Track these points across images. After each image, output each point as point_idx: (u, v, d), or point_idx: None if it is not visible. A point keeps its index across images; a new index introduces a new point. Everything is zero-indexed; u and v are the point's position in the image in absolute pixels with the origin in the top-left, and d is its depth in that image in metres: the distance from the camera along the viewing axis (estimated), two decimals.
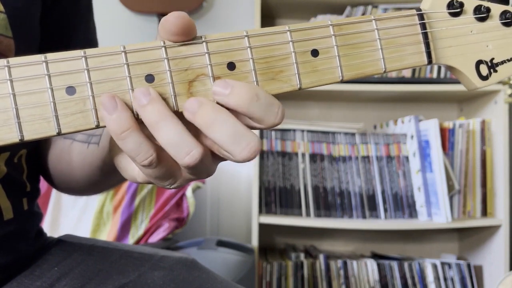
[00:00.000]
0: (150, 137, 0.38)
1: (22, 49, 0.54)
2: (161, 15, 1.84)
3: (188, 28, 0.38)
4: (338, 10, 1.74)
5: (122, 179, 0.56)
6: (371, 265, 1.66)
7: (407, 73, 1.67)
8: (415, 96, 1.76)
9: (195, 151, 0.37)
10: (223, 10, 1.92)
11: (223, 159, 0.41)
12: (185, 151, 0.37)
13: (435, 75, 1.66)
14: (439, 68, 1.67)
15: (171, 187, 0.42)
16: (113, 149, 0.44)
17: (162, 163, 0.39)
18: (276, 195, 1.65)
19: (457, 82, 1.70)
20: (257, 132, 1.63)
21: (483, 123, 1.66)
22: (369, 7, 1.71)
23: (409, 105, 1.89)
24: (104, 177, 0.56)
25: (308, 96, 1.85)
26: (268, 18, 1.85)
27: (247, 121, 0.39)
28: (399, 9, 1.72)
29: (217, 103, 0.38)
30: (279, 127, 1.67)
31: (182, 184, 0.42)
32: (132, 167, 0.43)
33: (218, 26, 1.90)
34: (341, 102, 1.90)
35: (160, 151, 0.38)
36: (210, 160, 0.40)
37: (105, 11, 1.86)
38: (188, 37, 0.39)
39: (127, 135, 0.37)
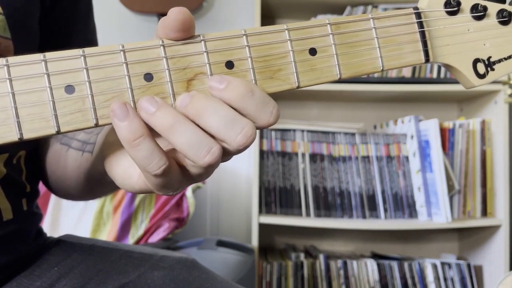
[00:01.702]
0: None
1: (21, 50, 0.54)
2: (161, 15, 1.84)
3: (189, 24, 0.38)
4: (338, 10, 1.74)
5: (117, 188, 0.55)
6: (371, 265, 1.66)
7: (407, 73, 1.67)
8: (415, 96, 1.76)
9: (214, 148, 0.36)
10: (223, 10, 1.92)
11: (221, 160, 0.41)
12: (205, 150, 0.36)
13: (435, 75, 1.66)
14: (439, 68, 1.67)
15: (173, 194, 0.41)
16: (107, 159, 0.43)
17: (172, 171, 0.38)
18: (276, 195, 1.65)
19: (457, 82, 1.70)
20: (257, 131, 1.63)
21: (483, 123, 1.66)
22: (369, 7, 1.71)
23: (409, 105, 1.89)
24: (98, 185, 0.56)
25: (308, 96, 1.85)
26: (268, 18, 1.85)
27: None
28: (399, 9, 1.72)
29: None
30: (279, 127, 1.67)
31: (183, 190, 0.41)
32: (128, 177, 0.42)
33: (218, 26, 1.90)
34: (341, 102, 1.90)
35: (170, 159, 0.38)
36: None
37: (105, 11, 1.87)
38: (187, 34, 0.39)
39: (140, 142, 0.36)
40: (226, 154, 0.39)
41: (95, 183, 0.56)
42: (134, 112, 0.36)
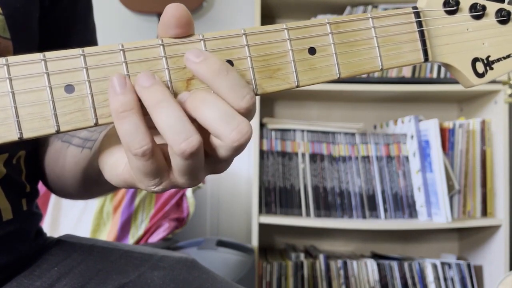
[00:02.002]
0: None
1: (21, 51, 0.54)
2: (161, 15, 1.84)
3: (186, 20, 0.38)
4: (338, 10, 1.74)
5: (114, 188, 0.55)
6: (371, 265, 1.66)
7: (407, 73, 1.67)
8: (415, 96, 1.76)
9: (193, 137, 0.36)
10: (223, 10, 1.92)
11: (213, 167, 0.40)
12: (183, 136, 0.36)
13: (435, 75, 1.66)
14: (439, 68, 1.67)
15: (154, 189, 0.40)
16: (102, 151, 0.43)
17: (154, 157, 0.38)
18: (276, 195, 1.65)
19: (457, 82, 1.70)
20: (257, 130, 1.63)
21: (483, 123, 1.66)
22: (369, 7, 1.71)
23: (409, 105, 1.89)
24: (95, 184, 0.56)
25: (308, 96, 1.85)
26: (268, 18, 1.85)
27: None
28: (399, 8, 1.71)
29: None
30: (279, 127, 1.67)
31: (166, 188, 0.41)
32: (116, 166, 0.41)
33: (218, 26, 1.90)
34: (341, 102, 1.90)
35: (154, 144, 0.38)
36: (203, 158, 0.39)
37: (105, 11, 1.87)
38: (186, 30, 0.39)
39: (127, 115, 0.36)
40: (219, 160, 0.39)
41: (91, 182, 0.56)
42: (131, 88, 0.37)
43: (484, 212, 1.65)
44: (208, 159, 0.40)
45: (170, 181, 0.40)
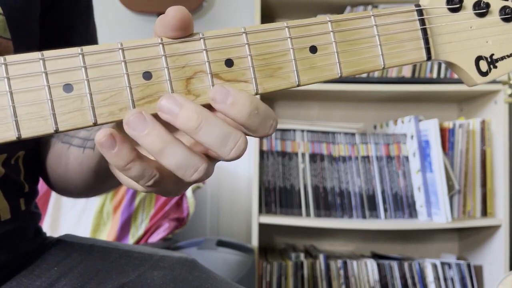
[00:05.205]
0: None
1: (21, 51, 0.54)
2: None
3: (187, 23, 0.38)
4: (338, 10, 1.74)
5: (119, 183, 0.55)
6: (371, 265, 1.65)
7: (407, 73, 1.67)
8: (415, 96, 1.75)
9: (202, 167, 0.37)
10: (223, 10, 1.92)
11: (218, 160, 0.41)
12: (192, 169, 0.37)
13: (435, 75, 1.66)
14: (439, 68, 1.66)
15: (171, 196, 0.42)
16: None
17: (165, 180, 0.39)
18: (276, 195, 1.65)
19: (457, 82, 1.69)
20: None
21: (483, 123, 1.66)
22: (369, 7, 1.71)
23: (409, 105, 1.88)
24: (100, 181, 0.56)
25: (308, 96, 1.85)
26: (268, 18, 1.85)
27: (240, 129, 0.39)
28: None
29: (211, 107, 0.38)
30: (279, 127, 1.66)
31: (183, 191, 0.42)
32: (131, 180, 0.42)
33: (218, 26, 1.90)
34: (341, 102, 1.90)
35: (162, 169, 0.38)
36: (211, 168, 0.40)
37: (105, 11, 1.87)
38: (186, 32, 0.38)
39: (130, 166, 0.37)
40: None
41: (97, 179, 0.56)
42: (121, 140, 0.36)
43: (484, 212, 1.65)
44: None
45: (185, 186, 0.42)
